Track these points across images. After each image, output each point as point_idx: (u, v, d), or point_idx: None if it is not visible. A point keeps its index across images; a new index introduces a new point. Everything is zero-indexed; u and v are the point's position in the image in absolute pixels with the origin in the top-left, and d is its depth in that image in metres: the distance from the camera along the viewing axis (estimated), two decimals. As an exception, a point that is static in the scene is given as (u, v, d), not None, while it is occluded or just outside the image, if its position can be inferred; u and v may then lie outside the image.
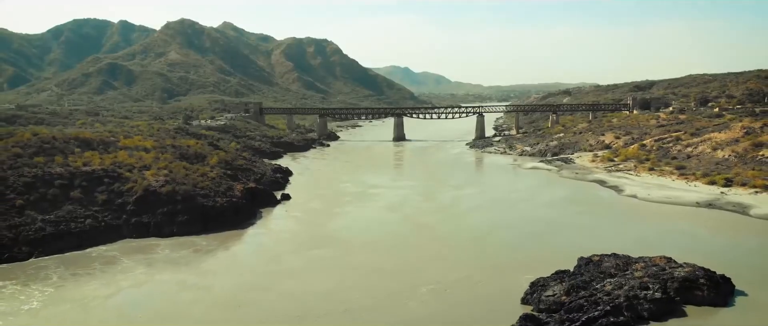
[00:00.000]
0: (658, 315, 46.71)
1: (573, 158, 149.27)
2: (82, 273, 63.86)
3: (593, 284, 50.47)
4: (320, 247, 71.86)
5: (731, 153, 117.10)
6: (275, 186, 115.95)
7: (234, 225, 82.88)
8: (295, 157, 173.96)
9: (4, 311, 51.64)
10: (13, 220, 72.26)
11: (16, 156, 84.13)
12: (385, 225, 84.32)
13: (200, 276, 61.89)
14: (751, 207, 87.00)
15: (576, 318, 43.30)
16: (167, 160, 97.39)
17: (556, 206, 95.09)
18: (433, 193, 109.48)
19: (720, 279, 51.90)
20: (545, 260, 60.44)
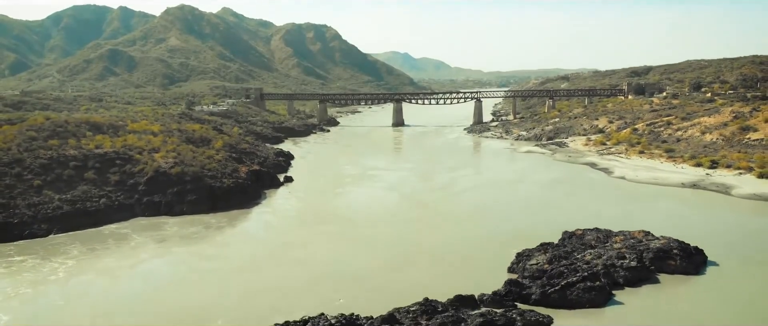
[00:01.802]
0: (633, 282, 51.08)
1: (567, 142, 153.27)
2: (100, 248, 68.05)
3: (574, 254, 54.85)
4: (324, 223, 76.46)
5: (719, 136, 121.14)
6: (278, 169, 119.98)
7: (241, 204, 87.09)
8: (296, 142, 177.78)
9: (33, 280, 55.95)
10: (31, 199, 76.45)
11: (31, 139, 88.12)
12: (385, 203, 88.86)
13: (215, 248, 66.54)
14: (733, 188, 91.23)
15: (556, 283, 47.64)
16: (174, 144, 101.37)
17: (548, 187, 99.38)
18: (431, 175, 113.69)
19: (693, 251, 56.25)
20: (533, 234, 64.69)
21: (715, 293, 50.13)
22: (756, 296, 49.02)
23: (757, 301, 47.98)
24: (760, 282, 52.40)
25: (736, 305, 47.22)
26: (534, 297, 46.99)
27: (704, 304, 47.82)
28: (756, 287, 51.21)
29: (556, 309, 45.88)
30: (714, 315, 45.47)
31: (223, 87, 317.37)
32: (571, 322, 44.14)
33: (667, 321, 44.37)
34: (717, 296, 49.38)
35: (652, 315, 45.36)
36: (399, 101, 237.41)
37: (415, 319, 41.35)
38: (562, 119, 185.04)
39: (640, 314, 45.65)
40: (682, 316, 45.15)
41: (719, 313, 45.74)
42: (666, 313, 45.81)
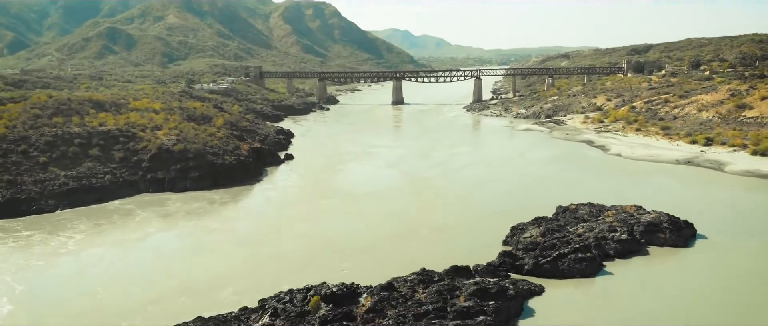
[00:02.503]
0: (623, 254, 52.91)
1: (565, 120, 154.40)
2: (106, 223, 69.76)
3: (567, 228, 56.61)
4: (325, 198, 78.34)
5: (715, 114, 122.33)
6: (278, 147, 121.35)
7: (242, 181, 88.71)
8: (296, 120, 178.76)
9: (44, 253, 57.78)
10: (38, 176, 78.07)
11: (35, 117, 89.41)
12: (385, 179, 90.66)
13: (220, 222, 68.48)
14: (726, 164, 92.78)
15: (548, 254, 49.46)
16: (176, 121, 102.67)
17: (544, 164, 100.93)
18: (430, 152, 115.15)
19: (683, 224, 58.01)
20: (528, 209, 66.37)
21: (702, 265, 51.95)
22: (741, 268, 50.74)
23: (742, 273, 49.67)
24: (746, 254, 54.10)
25: (721, 276, 49.00)
26: (527, 267, 48.84)
27: (691, 275, 49.62)
28: (742, 259, 52.91)
29: (547, 278, 47.75)
30: (700, 285, 47.27)
31: (223, 65, 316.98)
32: (562, 291, 45.99)
33: (655, 290, 46.20)
34: (703, 267, 51.19)
35: (640, 285, 47.21)
36: (399, 79, 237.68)
37: (413, 288, 43.17)
38: (561, 97, 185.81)
39: (628, 284, 47.51)
40: (668, 286, 46.94)
41: (705, 283, 47.55)
42: (653, 283, 47.63)
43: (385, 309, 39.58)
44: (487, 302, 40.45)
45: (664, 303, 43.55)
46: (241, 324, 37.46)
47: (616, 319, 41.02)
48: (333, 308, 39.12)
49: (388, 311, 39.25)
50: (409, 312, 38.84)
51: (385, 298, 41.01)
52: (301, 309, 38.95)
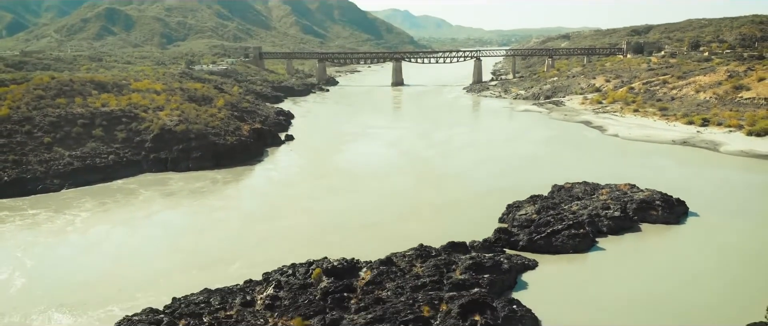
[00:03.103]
0: (616, 230, 54.38)
1: (564, 101, 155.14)
2: (110, 201, 71.10)
3: (562, 205, 58.03)
4: (326, 178, 79.79)
5: (712, 95, 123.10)
6: (279, 127, 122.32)
7: (244, 161, 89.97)
8: (296, 102, 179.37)
9: (52, 230, 59.26)
10: (43, 156, 79.30)
11: (39, 97, 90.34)
12: (386, 159, 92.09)
13: (225, 200, 70.05)
14: (721, 145, 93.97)
15: (542, 231, 50.91)
16: (178, 102, 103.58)
17: (542, 144, 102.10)
18: (429, 133, 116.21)
19: (675, 202, 59.39)
20: (524, 188, 67.71)
21: (692, 241, 53.44)
22: (730, 244, 52.15)
23: (731, 249, 51.09)
24: (736, 231, 55.48)
25: (710, 252, 50.47)
26: (521, 243, 50.35)
27: (681, 251, 51.12)
28: (732, 236, 54.30)
29: (541, 254, 49.27)
30: (689, 260, 48.71)
31: (222, 46, 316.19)
32: (555, 266, 47.52)
33: (645, 265, 47.73)
34: (694, 244, 52.66)
35: (631, 260, 48.75)
36: (398, 60, 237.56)
37: (411, 262, 44.67)
38: (561, 78, 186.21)
39: (619, 259, 49.04)
40: (659, 261, 48.47)
41: (694, 259, 48.99)
42: (644, 258, 49.20)
43: (384, 281, 41.10)
44: (481, 275, 41.98)
45: (654, 277, 45.08)
46: (247, 296, 39.00)
47: (607, 292, 42.57)
48: (334, 281, 40.61)
49: (387, 283, 40.78)
50: (406, 285, 40.37)
51: (384, 272, 42.51)
52: (303, 282, 40.47)
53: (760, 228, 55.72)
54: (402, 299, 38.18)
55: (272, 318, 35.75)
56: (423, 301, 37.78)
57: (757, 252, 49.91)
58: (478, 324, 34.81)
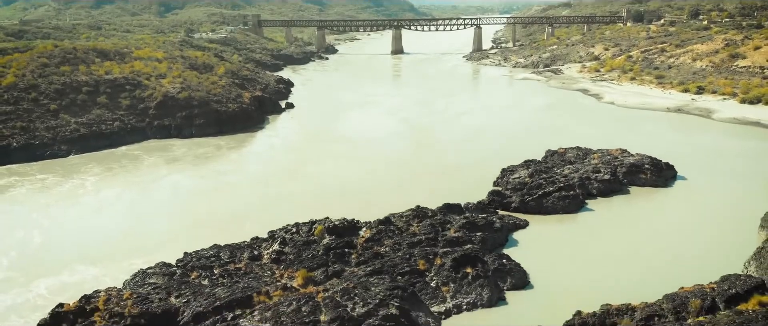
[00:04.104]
0: (605, 193, 56.73)
1: (563, 69, 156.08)
2: (117, 166, 73.28)
3: (554, 169, 60.26)
4: (327, 144, 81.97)
5: (709, 63, 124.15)
6: (279, 95, 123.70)
7: (246, 128, 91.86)
8: (295, 70, 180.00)
9: (63, 194, 61.57)
10: (49, 122, 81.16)
11: (43, 65, 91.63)
12: (386, 126, 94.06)
13: (230, 165, 72.43)
14: (714, 112, 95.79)
15: (534, 193, 53.23)
16: (179, 70, 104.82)
17: (539, 111, 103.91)
18: (428, 101, 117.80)
19: (664, 166, 61.60)
20: (520, 153, 69.70)
21: (678, 202, 55.86)
22: (714, 206, 54.47)
23: (715, 210, 53.40)
24: (721, 194, 57.77)
25: (695, 213, 52.84)
26: (514, 205, 52.72)
27: (667, 212, 53.55)
28: (717, 199, 56.61)
29: (532, 214, 51.70)
30: (674, 220, 51.09)
31: (220, 14, 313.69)
32: (545, 225, 49.97)
33: (632, 224, 50.17)
34: (680, 205, 55.08)
35: (619, 220, 51.23)
36: (398, 28, 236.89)
37: (408, 222, 47.07)
38: (560, 46, 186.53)
39: (607, 219, 51.50)
40: (645, 221, 50.89)
41: (679, 219, 51.39)
42: (631, 218, 51.63)
43: (383, 239, 43.57)
44: (474, 233, 44.44)
45: (640, 235, 47.53)
46: (254, 251, 41.48)
47: (593, 249, 45.07)
48: (336, 238, 43.06)
49: (385, 241, 43.25)
50: (404, 242, 42.84)
51: (383, 231, 44.96)
52: (307, 239, 42.93)
53: (744, 191, 57.94)
54: (399, 254, 40.68)
55: (278, 270, 38.29)
56: (419, 256, 40.27)
57: (740, 212, 52.01)
58: (470, 275, 37.35)
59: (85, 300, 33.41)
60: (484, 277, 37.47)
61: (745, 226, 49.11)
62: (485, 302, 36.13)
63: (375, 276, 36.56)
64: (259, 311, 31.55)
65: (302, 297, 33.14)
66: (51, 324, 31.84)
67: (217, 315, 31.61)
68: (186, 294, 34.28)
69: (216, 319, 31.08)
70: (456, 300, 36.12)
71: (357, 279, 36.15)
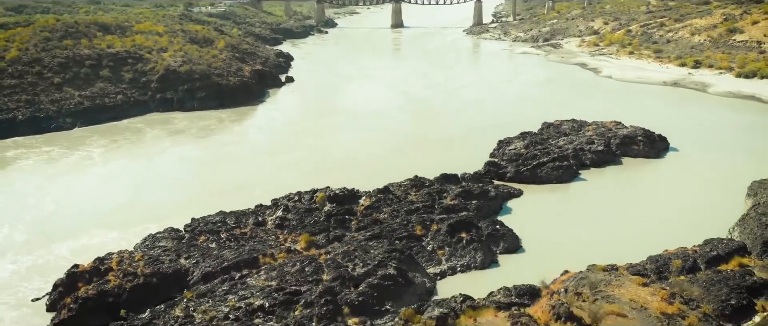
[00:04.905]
0: (599, 163, 58.32)
1: (562, 43, 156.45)
2: (121, 139, 74.69)
3: (549, 141, 61.79)
4: (328, 116, 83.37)
5: (707, 37, 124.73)
6: (279, 69, 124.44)
7: (247, 102, 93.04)
8: (294, 44, 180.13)
9: (73, 163, 63.19)
10: (53, 96, 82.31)
11: (46, 39, 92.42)
12: (386, 98, 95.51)
13: (234, 137, 74.13)
14: (710, 86, 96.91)
15: (528, 163, 54.86)
16: (180, 44, 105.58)
17: (537, 85, 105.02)
18: (428, 74, 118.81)
19: (656, 137, 63.10)
20: (517, 126, 70.98)
21: (669, 173, 57.49)
22: (704, 176, 56.02)
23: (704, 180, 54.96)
24: (712, 165, 59.34)
25: (685, 183, 54.42)
26: (509, 175, 54.37)
27: (658, 182, 55.20)
28: (707, 169, 58.18)
29: (527, 184, 53.37)
30: (665, 190, 52.73)
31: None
32: (539, 194, 51.70)
33: (622, 193, 51.92)
34: (670, 175, 56.70)
35: (610, 190, 52.98)
36: (398, 1, 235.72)
37: (406, 191, 48.74)
38: (560, 21, 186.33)
39: (599, 188, 53.24)
40: (636, 190, 52.64)
41: (669, 189, 53.01)
42: (622, 188, 53.39)
43: (382, 206, 45.30)
44: (470, 201, 46.18)
45: (630, 203, 49.29)
46: (259, 217, 43.25)
47: (584, 216, 46.84)
48: (336, 206, 44.79)
49: (384, 208, 44.99)
50: (402, 209, 44.60)
51: (382, 199, 46.65)
52: (308, 207, 44.67)
53: (734, 162, 59.50)
54: (397, 220, 42.48)
55: (282, 235, 40.11)
56: (416, 222, 42.09)
57: (728, 182, 53.45)
58: (464, 240, 39.18)
59: (98, 262, 35.27)
60: (477, 241, 39.30)
61: (732, 195, 50.73)
62: (478, 264, 38.03)
63: (374, 240, 38.38)
64: (265, 271, 33.42)
65: (305, 258, 34.99)
66: (67, 283, 33.69)
67: (225, 274, 33.48)
68: (195, 256, 36.14)
69: (224, 278, 32.95)
70: (451, 263, 38.01)
71: (357, 243, 37.96)
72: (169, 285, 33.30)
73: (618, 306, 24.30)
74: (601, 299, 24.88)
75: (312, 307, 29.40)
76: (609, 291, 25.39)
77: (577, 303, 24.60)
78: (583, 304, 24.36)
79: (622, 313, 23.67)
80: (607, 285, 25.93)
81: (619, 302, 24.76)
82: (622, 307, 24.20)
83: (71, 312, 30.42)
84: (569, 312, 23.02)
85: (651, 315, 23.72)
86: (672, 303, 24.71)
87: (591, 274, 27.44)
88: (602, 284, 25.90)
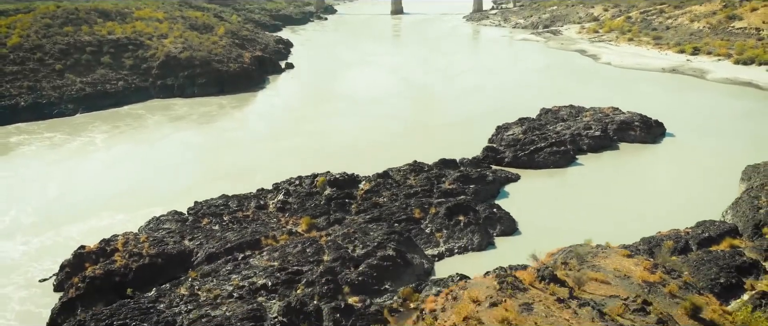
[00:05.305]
0: (596, 149, 59.03)
1: (562, 30, 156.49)
2: (123, 125, 75.26)
3: (547, 126, 62.43)
4: (328, 102, 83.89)
5: (706, 24, 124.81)
6: (279, 56, 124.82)
7: (247, 88, 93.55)
8: (294, 30, 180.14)
9: (76, 149, 63.87)
10: (55, 82, 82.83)
11: (47, 26, 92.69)
12: (386, 84, 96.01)
13: (235, 122, 74.75)
14: (708, 72, 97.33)
15: (526, 148, 55.56)
16: (180, 30, 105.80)
17: (537, 71, 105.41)
18: (428, 61, 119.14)
19: (653, 123, 63.74)
20: (515, 112, 71.68)
21: (665, 158, 58.18)
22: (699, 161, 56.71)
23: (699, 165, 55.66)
24: (707, 150, 60.00)
25: (680, 167, 55.17)
26: (507, 160, 55.10)
27: (653, 166, 55.92)
28: (702, 154, 58.86)
29: (524, 169, 54.10)
30: (660, 174, 53.55)
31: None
32: (536, 179, 52.45)
33: (618, 178, 52.62)
34: (666, 160, 57.41)
35: (606, 174, 53.67)
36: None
37: (405, 175, 49.50)
38: (560, 7, 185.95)
39: (595, 173, 53.95)
40: (631, 175, 53.34)
41: (664, 173, 53.81)
42: (618, 172, 54.08)
43: (381, 190, 46.07)
44: (468, 185, 46.97)
45: (626, 187, 50.01)
46: (260, 201, 44.04)
47: (580, 199, 47.57)
48: (337, 190, 45.54)
49: (384, 192, 45.76)
50: (401, 193, 45.37)
51: (381, 183, 47.40)
52: (309, 191, 45.43)
53: (730, 147, 60.20)
54: (396, 204, 43.26)
55: (284, 218, 40.93)
56: (415, 206, 42.87)
57: (723, 167, 54.23)
58: (462, 222, 40.03)
59: (104, 243, 36.12)
60: (475, 224, 40.13)
61: (727, 179, 51.50)
62: (475, 246, 38.89)
63: (374, 223, 39.20)
64: (268, 251, 34.28)
65: (307, 240, 35.83)
66: (74, 263, 34.56)
67: (228, 255, 34.33)
68: (199, 238, 36.99)
69: (228, 259, 33.80)
70: (448, 245, 38.86)
71: (357, 225, 38.79)
72: (174, 266, 34.17)
73: (602, 274, 25.35)
74: (586, 268, 25.92)
75: (313, 286, 30.25)
76: (595, 262, 26.41)
77: (563, 270, 25.72)
78: (569, 272, 25.42)
79: (605, 280, 24.69)
80: (594, 257, 26.84)
81: (604, 271, 25.80)
82: (605, 275, 25.24)
83: (79, 290, 31.29)
84: (553, 275, 24.14)
85: (633, 283, 24.70)
86: (654, 272, 25.76)
87: (579, 248, 28.42)
88: (589, 256, 26.81)
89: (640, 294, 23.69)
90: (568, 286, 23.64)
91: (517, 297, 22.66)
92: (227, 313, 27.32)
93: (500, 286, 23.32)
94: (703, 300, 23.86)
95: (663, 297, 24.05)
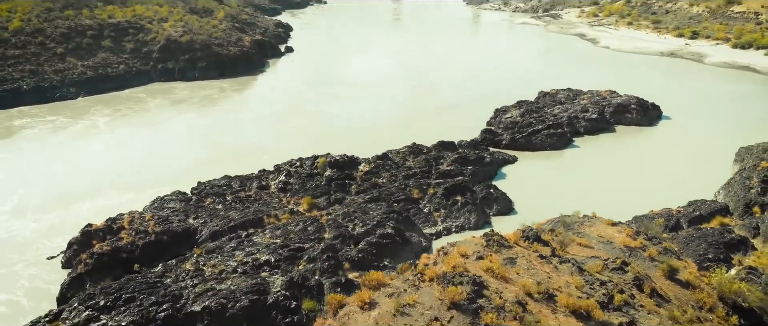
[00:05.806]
0: (592, 131, 59.86)
1: (561, 14, 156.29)
2: (124, 108, 75.91)
3: (545, 109, 63.14)
4: (329, 86, 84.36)
5: (705, 8, 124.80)
6: (278, 39, 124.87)
7: (247, 71, 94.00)
8: (294, 14, 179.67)
9: (79, 132, 64.56)
10: (57, 66, 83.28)
11: (48, 10, 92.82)
12: (386, 68, 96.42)
13: (237, 105, 75.23)
14: (706, 56, 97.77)
15: (524, 131, 56.35)
16: (180, 14, 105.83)
17: (536, 55, 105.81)
18: (428, 45, 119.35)
19: (650, 106, 64.50)
20: (514, 95, 72.39)
21: (661, 140, 59.07)
22: (694, 143, 57.68)
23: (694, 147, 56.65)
24: (703, 132, 60.94)
25: (676, 149, 56.09)
26: (504, 142, 55.93)
27: (649, 148, 56.79)
28: (698, 136, 59.83)
29: (522, 151, 54.97)
30: (655, 156, 54.42)
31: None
32: (533, 160, 53.35)
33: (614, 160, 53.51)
34: (662, 142, 58.30)
35: (602, 156, 54.56)
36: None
37: (404, 157, 50.37)
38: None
39: (592, 155, 54.85)
40: (627, 157, 54.23)
41: (660, 154, 54.74)
42: (614, 154, 54.98)
43: (381, 172, 46.98)
44: (466, 167, 47.85)
45: (621, 168, 50.94)
46: (262, 181, 44.95)
47: (576, 181, 48.53)
48: (337, 171, 46.45)
49: (383, 173, 46.67)
50: (400, 174, 46.28)
51: (381, 165, 48.30)
52: (310, 172, 46.33)
53: (724, 129, 61.15)
54: (395, 185, 44.20)
55: (285, 198, 41.87)
56: (413, 186, 43.82)
57: (718, 148, 55.28)
58: (459, 202, 40.97)
59: (111, 221, 37.07)
60: (472, 204, 41.08)
61: (721, 161, 52.55)
62: (472, 225, 39.88)
63: (373, 202, 40.14)
64: (270, 230, 35.24)
65: (308, 219, 36.78)
66: (82, 241, 35.54)
67: (232, 233, 35.31)
68: (203, 216, 37.94)
69: (231, 236, 34.78)
70: (446, 224, 39.86)
71: (357, 205, 39.73)
72: (179, 243, 35.16)
73: (586, 239, 26.53)
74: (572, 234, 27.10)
75: (315, 262, 31.24)
76: (580, 230, 27.56)
77: (549, 235, 26.92)
78: (555, 238, 26.60)
79: (588, 245, 25.89)
80: (580, 225, 27.89)
81: (588, 237, 26.97)
82: (589, 240, 26.41)
83: (87, 266, 32.28)
84: (537, 236, 25.44)
85: (615, 247, 25.87)
86: (636, 238, 26.92)
87: (567, 218, 29.62)
88: (576, 225, 27.86)
89: (621, 256, 24.87)
90: (551, 247, 24.88)
91: (502, 252, 24.21)
92: (232, 287, 28.31)
93: (487, 243, 24.82)
94: (681, 263, 24.96)
95: (643, 260, 25.30)
